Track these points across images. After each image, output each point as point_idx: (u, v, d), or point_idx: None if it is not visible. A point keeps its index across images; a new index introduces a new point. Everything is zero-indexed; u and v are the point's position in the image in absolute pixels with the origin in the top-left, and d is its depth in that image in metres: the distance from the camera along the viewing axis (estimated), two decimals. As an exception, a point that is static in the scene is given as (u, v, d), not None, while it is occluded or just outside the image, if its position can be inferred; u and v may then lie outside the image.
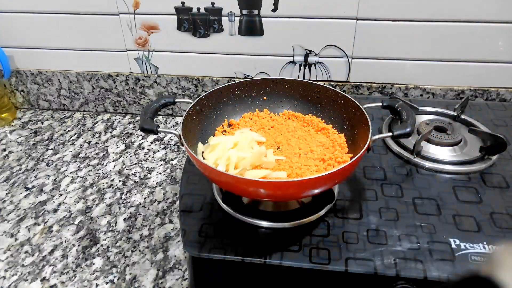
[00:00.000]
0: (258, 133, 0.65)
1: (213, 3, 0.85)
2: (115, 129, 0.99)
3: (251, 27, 0.87)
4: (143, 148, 0.92)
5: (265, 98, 0.72)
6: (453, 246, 0.53)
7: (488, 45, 0.82)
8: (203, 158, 0.61)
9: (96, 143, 0.94)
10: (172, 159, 0.88)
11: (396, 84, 0.91)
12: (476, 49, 0.83)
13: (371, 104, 0.63)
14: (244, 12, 0.85)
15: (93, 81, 1.00)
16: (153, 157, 0.89)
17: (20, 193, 0.80)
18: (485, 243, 0.53)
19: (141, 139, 0.95)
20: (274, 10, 0.84)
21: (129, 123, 1.02)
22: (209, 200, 0.62)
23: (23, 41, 0.98)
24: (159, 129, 0.56)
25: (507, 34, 0.81)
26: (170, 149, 0.91)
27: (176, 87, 0.98)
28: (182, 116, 0.73)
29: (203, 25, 0.89)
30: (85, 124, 1.02)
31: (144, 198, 0.77)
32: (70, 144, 0.94)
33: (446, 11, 0.79)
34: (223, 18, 0.87)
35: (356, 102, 0.62)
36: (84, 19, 0.92)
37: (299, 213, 0.58)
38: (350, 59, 0.89)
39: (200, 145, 0.63)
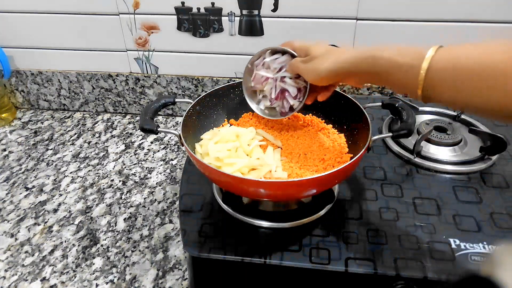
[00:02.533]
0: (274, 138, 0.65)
1: (213, 3, 0.85)
2: (115, 129, 1.00)
3: (251, 27, 0.87)
4: (143, 148, 0.92)
5: (265, 98, 0.72)
6: (453, 246, 0.53)
7: (488, 45, 0.82)
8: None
9: (96, 143, 0.94)
10: (172, 159, 0.88)
11: (396, 84, 0.91)
12: (476, 49, 0.83)
13: (371, 104, 0.63)
14: (244, 12, 0.85)
15: (93, 81, 1.00)
16: (153, 157, 0.89)
17: (20, 193, 0.80)
18: (485, 243, 0.53)
19: (141, 139, 0.95)
20: (274, 10, 0.84)
21: (129, 123, 1.02)
22: (209, 200, 0.62)
23: (23, 41, 0.98)
24: (159, 129, 0.56)
25: (507, 34, 0.80)
26: (170, 149, 0.91)
27: (176, 87, 0.98)
28: (182, 116, 0.74)
29: (203, 25, 0.89)
30: (85, 124, 1.02)
31: (144, 198, 0.77)
32: (70, 144, 0.94)
33: (446, 11, 0.79)
34: (223, 18, 0.87)
35: (356, 102, 0.62)
36: (84, 19, 0.92)
37: (299, 213, 0.58)
38: (350, 59, 0.89)
39: (199, 145, 0.63)
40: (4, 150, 0.93)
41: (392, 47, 0.44)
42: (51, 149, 0.93)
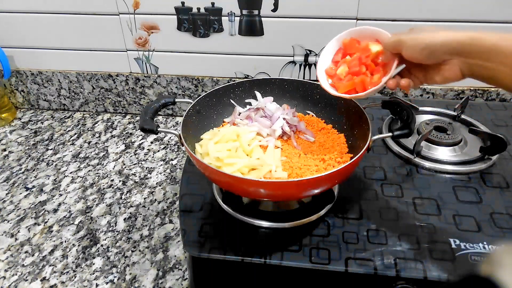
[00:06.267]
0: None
1: (213, 3, 0.85)
2: (115, 129, 1.00)
3: (251, 27, 0.87)
4: (143, 148, 0.92)
5: (265, 98, 0.72)
6: (453, 246, 0.53)
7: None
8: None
9: (96, 143, 0.94)
10: (172, 159, 0.88)
11: (396, 84, 0.91)
12: (476, 49, 0.83)
13: (371, 104, 0.63)
14: (244, 12, 0.85)
15: (93, 81, 1.00)
16: (153, 157, 0.89)
17: (20, 193, 0.80)
18: (485, 243, 0.53)
19: (141, 139, 0.95)
20: (274, 10, 0.84)
21: (129, 123, 1.02)
22: (209, 200, 0.62)
23: (23, 41, 0.98)
24: (159, 129, 0.56)
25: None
26: (170, 149, 0.91)
27: (176, 87, 0.98)
28: (182, 116, 0.74)
29: (203, 25, 0.89)
30: (85, 124, 1.02)
31: (144, 198, 0.77)
32: (70, 144, 0.94)
33: (446, 11, 0.79)
34: (223, 18, 0.87)
35: (356, 102, 0.62)
36: (84, 19, 0.92)
37: (299, 213, 0.58)
38: (350, 59, 0.89)
39: (199, 145, 0.63)
40: (4, 150, 0.93)
41: None
42: (51, 149, 0.93)
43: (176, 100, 0.64)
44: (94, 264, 0.65)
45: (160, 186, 0.80)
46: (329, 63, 0.59)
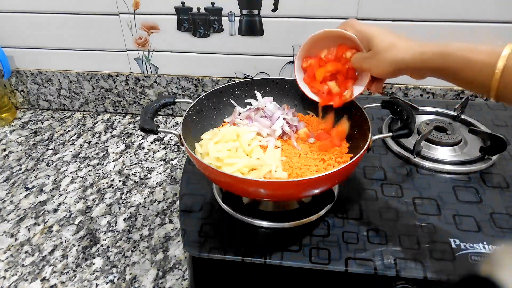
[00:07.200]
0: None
1: (213, 3, 0.85)
2: (115, 129, 1.00)
3: (251, 27, 0.87)
4: (143, 148, 0.92)
5: (265, 98, 0.72)
6: (453, 246, 0.53)
7: (488, 45, 0.82)
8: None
9: (96, 143, 0.94)
10: (172, 159, 0.88)
11: (396, 84, 0.91)
12: (476, 49, 0.83)
13: (371, 104, 0.63)
14: (244, 12, 0.85)
15: (93, 81, 1.00)
16: (153, 157, 0.89)
17: (20, 193, 0.80)
18: (485, 243, 0.53)
19: (141, 139, 0.95)
20: (274, 10, 0.84)
21: (129, 123, 1.02)
22: (209, 200, 0.62)
23: (23, 41, 0.98)
24: (159, 129, 0.56)
25: (507, 34, 0.81)
26: (170, 149, 0.91)
27: (176, 87, 0.98)
28: (182, 116, 0.74)
29: (203, 25, 0.89)
30: (85, 124, 1.02)
31: (144, 198, 0.77)
32: (70, 144, 0.94)
33: (446, 11, 0.79)
34: (223, 18, 0.87)
35: (356, 102, 0.62)
36: (84, 19, 0.92)
37: (299, 213, 0.58)
38: (350, 59, 0.89)
39: (199, 145, 0.63)
40: (4, 150, 0.93)
41: (462, 43, 0.43)
42: (51, 149, 0.93)
43: (176, 100, 0.64)
44: (94, 264, 0.65)
45: (160, 186, 0.80)
46: (302, 73, 0.66)
